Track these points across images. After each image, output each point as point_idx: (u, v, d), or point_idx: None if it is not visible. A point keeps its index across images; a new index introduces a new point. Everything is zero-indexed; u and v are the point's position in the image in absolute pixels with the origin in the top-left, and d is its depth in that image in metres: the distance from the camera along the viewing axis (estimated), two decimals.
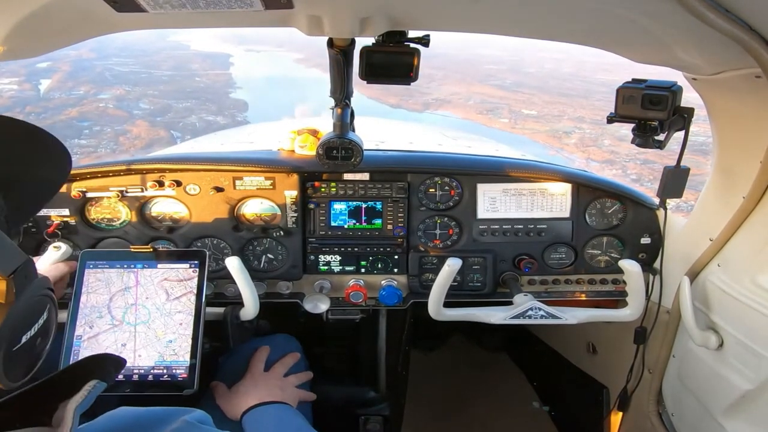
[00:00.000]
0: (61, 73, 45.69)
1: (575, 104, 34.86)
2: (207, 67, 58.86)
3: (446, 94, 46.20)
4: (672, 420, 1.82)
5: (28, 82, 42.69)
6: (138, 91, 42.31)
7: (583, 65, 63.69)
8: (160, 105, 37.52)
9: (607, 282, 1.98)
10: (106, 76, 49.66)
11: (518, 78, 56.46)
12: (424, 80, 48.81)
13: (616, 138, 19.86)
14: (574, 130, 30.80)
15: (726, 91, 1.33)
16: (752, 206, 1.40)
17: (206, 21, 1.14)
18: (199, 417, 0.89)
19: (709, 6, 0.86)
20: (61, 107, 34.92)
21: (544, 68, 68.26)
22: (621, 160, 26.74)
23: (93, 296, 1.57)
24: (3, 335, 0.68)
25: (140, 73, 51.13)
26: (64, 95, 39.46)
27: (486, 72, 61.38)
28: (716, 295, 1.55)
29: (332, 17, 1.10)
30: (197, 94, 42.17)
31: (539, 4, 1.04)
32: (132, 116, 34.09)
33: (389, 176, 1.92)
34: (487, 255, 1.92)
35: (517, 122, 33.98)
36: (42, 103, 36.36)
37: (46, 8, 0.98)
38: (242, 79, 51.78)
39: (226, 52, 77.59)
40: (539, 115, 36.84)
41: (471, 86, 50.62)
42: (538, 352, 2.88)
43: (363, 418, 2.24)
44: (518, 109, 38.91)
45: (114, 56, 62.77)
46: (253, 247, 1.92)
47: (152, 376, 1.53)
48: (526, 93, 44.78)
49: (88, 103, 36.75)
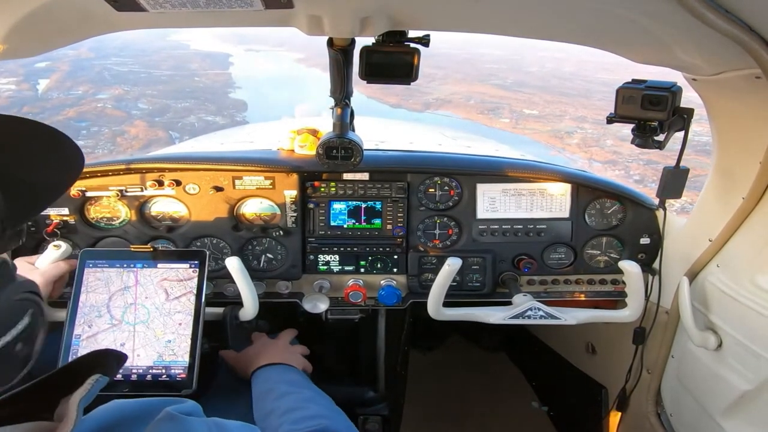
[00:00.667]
0: (60, 73, 45.37)
1: (577, 104, 34.60)
2: (206, 66, 58.53)
3: (447, 94, 45.92)
4: (671, 420, 1.82)
5: (26, 81, 42.35)
6: (137, 91, 41.99)
7: (585, 65, 63.34)
8: (158, 105, 37.25)
9: (607, 282, 1.98)
10: (105, 75, 49.33)
11: (519, 77, 56.09)
12: (425, 80, 48.50)
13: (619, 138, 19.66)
14: (576, 130, 30.57)
15: (726, 92, 1.33)
16: (752, 207, 1.40)
17: (206, 20, 1.14)
18: (185, 408, 0.88)
19: (709, 6, 0.86)
20: (59, 107, 34.66)
21: (545, 67, 67.88)
22: (624, 161, 26.55)
23: (92, 295, 1.57)
24: None
25: (139, 73, 50.78)
26: (62, 95, 39.13)
27: (487, 71, 61.03)
28: (715, 295, 1.55)
29: (332, 17, 1.10)
30: (196, 94, 41.87)
31: (539, 4, 1.04)
32: (130, 116, 33.84)
33: (389, 176, 1.92)
34: (487, 255, 1.92)
35: (518, 122, 33.78)
36: (40, 103, 36.10)
37: (46, 7, 0.98)
38: (242, 79, 51.50)
39: (225, 51, 77.21)
40: (541, 114, 36.57)
41: (472, 86, 50.35)
42: (537, 352, 2.88)
43: (362, 418, 2.24)
44: (519, 109, 38.63)
45: (113, 56, 62.40)
46: (253, 246, 1.92)
47: (151, 376, 1.53)
48: (528, 92, 44.49)
49: (86, 103, 36.43)
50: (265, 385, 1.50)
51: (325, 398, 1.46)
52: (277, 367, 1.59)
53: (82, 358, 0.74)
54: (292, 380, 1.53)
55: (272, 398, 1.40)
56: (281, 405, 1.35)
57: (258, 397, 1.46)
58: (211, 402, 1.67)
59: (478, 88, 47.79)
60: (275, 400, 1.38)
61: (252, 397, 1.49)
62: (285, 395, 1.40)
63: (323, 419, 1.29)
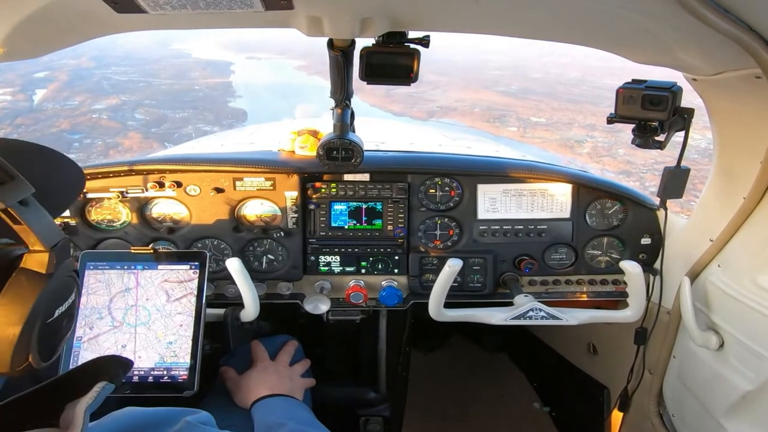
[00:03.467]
0: (58, 83, 44.61)
1: (585, 111, 33.93)
2: (207, 74, 57.81)
3: (451, 102, 45.19)
4: (672, 420, 1.82)
5: (22, 92, 41.49)
6: (135, 100, 41.35)
7: (589, 70, 62.31)
8: (156, 115, 36.59)
9: (608, 282, 1.98)
10: (104, 85, 48.51)
11: (524, 84, 55.20)
12: (428, 87, 47.92)
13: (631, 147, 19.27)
14: (586, 139, 29.89)
15: (726, 92, 1.33)
16: (752, 207, 1.40)
17: (206, 22, 1.14)
18: (201, 418, 0.89)
19: (708, 6, 0.86)
20: (53, 118, 33.98)
21: (549, 73, 66.94)
22: (638, 171, 25.73)
23: (93, 297, 1.57)
24: (41, 303, 0.70)
25: (138, 82, 50.09)
26: (57, 106, 38.30)
27: (491, 78, 60.19)
28: (717, 295, 1.55)
29: (332, 18, 1.10)
30: (195, 103, 41.16)
31: (539, 4, 1.04)
32: (125, 127, 33.18)
33: (389, 177, 1.92)
34: (488, 255, 1.92)
35: (526, 130, 33.16)
36: (33, 114, 35.39)
37: (47, 9, 0.98)
38: (242, 87, 50.73)
39: (227, 59, 76.69)
40: (548, 122, 35.72)
41: (476, 93, 49.58)
42: (539, 353, 2.87)
43: (363, 419, 2.25)
44: (526, 117, 37.84)
45: (114, 65, 61.63)
46: (254, 248, 1.92)
47: (152, 378, 1.53)
48: (534, 99, 43.66)
49: (81, 114, 35.77)
50: (270, 418, 1.46)
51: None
52: (281, 399, 1.57)
53: (88, 364, 0.75)
54: (302, 418, 1.49)
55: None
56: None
57: (263, 429, 1.42)
58: (212, 403, 1.67)
59: (483, 96, 47.09)
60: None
61: (255, 426, 1.45)
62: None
63: None
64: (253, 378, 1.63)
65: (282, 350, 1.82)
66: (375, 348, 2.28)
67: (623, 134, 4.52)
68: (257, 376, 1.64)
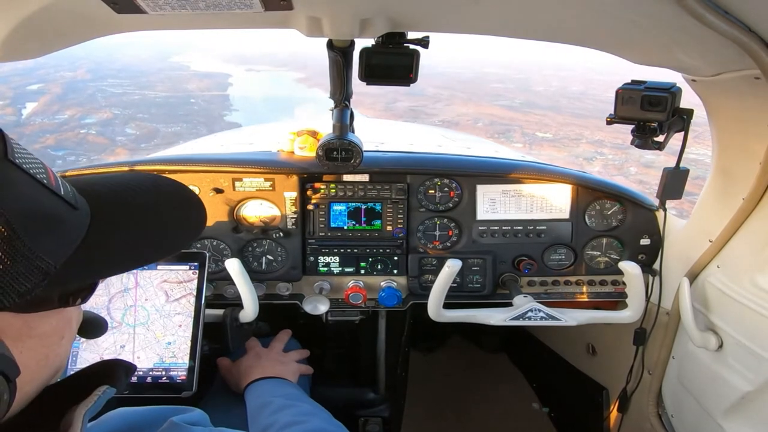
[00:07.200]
0: (50, 96, 43.23)
1: (591, 126, 33.04)
2: (204, 87, 56.19)
3: (453, 116, 44.01)
4: (672, 421, 1.82)
5: (11, 105, 39.65)
6: (127, 114, 40.02)
7: (591, 83, 61.14)
8: (147, 130, 35.24)
9: (607, 283, 1.98)
10: (98, 98, 46.82)
11: (527, 97, 53.92)
12: (430, 101, 47.13)
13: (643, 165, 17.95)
14: (596, 156, 28.97)
15: (725, 93, 1.33)
16: (752, 207, 1.40)
17: (206, 22, 1.14)
18: (190, 417, 0.88)
19: (708, 7, 0.86)
20: (39, 134, 32.47)
21: (551, 86, 65.75)
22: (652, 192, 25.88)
23: (92, 297, 1.56)
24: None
25: (133, 95, 48.83)
26: (46, 120, 36.53)
27: (493, 92, 58.78)
28: (716, 296, 1.55)
29: (332, 19, 1.10)
30: (189, 117, 39.50)
31: (539, 5, 1.04)
32: (113, 143, 31.74)
33: (389, 177, 1.91)
34: (487, 256, 1.92)
35: (532, 147, 32.41)
36: (19, 129, 33.65)
37: (46, 10, 0.98)
38: (239, 101, 49.03)
39: (225, 71, 75.55)
40: (555, 138, 34.67)
41: (479, 107, 48.30)
42: (538, 354, 2.87)
43: (362, 420, 2.24)
44: (532, 132, 36.69)
45: (111, 77, 60.37)
46: (253, 248, 1.92)
47: (151, 378, 1.52)
48: (538, 114, 42.40)
49: (68, 129, 34.41)
50: (260, 399, 1.47)
51: (324, 411, 1.44)
52: (271, 380, 1.59)
53: (91, 367, 0.75)
54: (289, 394, 1.51)
55: (269, 412, 1.37)
56: (280, 419, 1.31)
57: (253, 411, 1.43)
58: (211, 403, 1.67)
59: (486, 110, 46.09)
60: (272, 414, 1.35)
61: (247, 411, 1.46)
62: (283, 409, 1.37)
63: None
64: (245, 364, 1.67)
65: (275, 338, 1.85)
66: (374, 349, 2.28)
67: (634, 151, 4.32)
68: (249, 362, 1.68)
